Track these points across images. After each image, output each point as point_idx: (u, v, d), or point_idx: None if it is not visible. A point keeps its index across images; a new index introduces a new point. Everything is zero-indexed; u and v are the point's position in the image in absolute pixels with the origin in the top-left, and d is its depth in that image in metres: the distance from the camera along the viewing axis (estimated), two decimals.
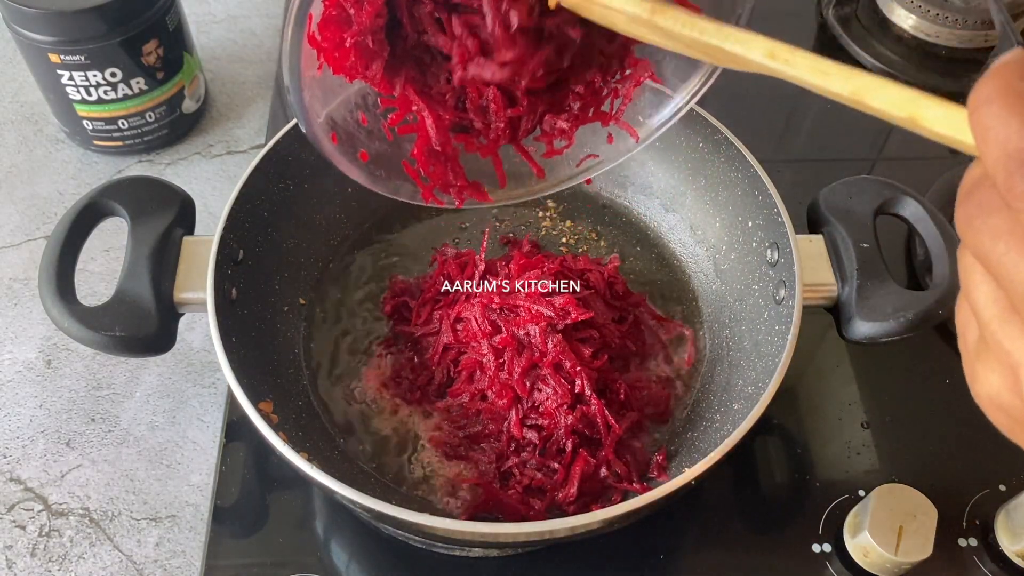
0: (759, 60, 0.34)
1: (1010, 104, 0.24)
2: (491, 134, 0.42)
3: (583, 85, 0.43)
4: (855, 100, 0.30)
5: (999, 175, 0.25)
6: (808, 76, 0.32)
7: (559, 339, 0.57)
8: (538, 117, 0.43)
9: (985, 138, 0.25)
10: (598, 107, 0.45)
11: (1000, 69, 0.25)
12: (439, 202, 0.47)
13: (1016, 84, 0.25)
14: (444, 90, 0.41)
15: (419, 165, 0.44)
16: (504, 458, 0.57)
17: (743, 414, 0.50)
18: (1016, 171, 0.24)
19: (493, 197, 0.49)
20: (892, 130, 0.86)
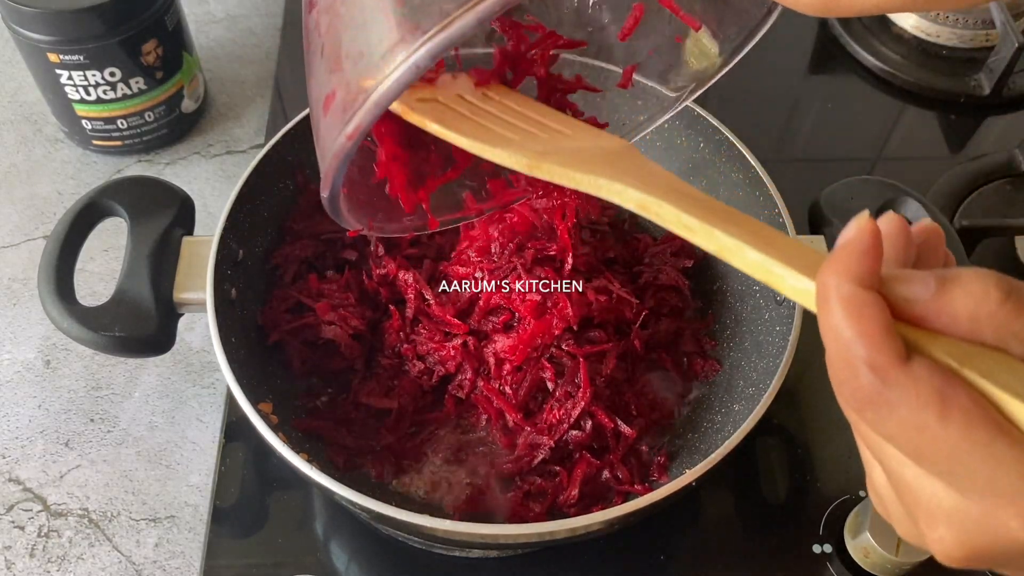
0: (632, 208, 0.36)
1: (842, 311, 0.26)
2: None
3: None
4: (720, 256, 0.32)
5: (832, 374, 0.27)
6: (674, 227, 0.34)
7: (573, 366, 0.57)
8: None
9: (826, 338, 0.27)
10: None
11: (835, 259, 0.27)
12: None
13: (846, 287, 0.27)
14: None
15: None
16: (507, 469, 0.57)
17: (744, 415, 0.50)
18: (843, 383, 0.27)
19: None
20: (892, 130, 0.86)
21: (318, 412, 0.59)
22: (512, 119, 0.44)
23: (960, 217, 0.74)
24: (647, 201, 0.36)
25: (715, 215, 0.33)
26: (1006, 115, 0.87)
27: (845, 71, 0.91)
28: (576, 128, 0.46)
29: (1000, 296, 0.26)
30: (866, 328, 0.26)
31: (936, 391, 0.25)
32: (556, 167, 0.39)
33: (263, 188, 0.62)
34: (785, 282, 0.30)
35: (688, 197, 0.35)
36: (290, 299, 0.61)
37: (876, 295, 0.27)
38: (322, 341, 0.60)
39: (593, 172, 0.38)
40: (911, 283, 0.27)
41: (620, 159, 0.41)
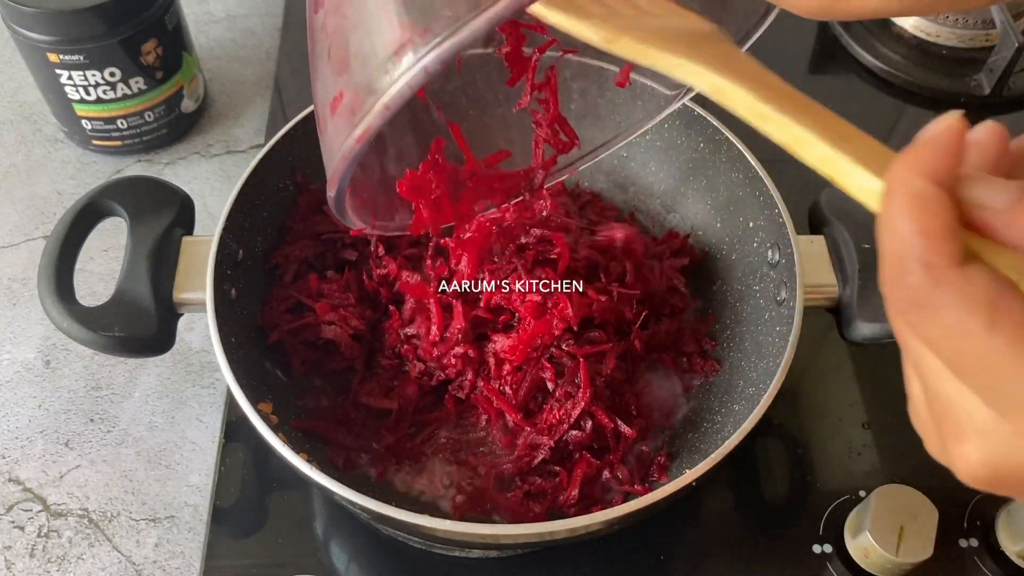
0: (706, 91, 0.35)
1: (906, 206, 0.26)
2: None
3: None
4: (789, 149, 0.31)
5: (884, 268, 0.26)
6: (746, 115, 0.33)
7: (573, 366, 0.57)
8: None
9: (885, 232, 0.26)
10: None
11: (911, 154, 0.26)
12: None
13: (916, 182, 0.25)
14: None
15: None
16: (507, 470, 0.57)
17: (744, 415, 0.50)
18: (894, 279, 0.26)
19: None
20: (893, 130, 0.86)
21: (318, 412, 0.59)
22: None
23: None
24: (722, 85, 0.35)
25: (792, 104, 0.33)
26: (1006, 115, 0.87)
27: (845, 71, 0.91)
28: (667, 9, 0.44)
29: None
30: (927, 225, 0.25)
31: (989, 297, 0.24)
32: (634, 43, 0.38)
33: (263, 188, 0.62)
34: (852, 179, 0.29)
35: (767, 85, 0.34)
36: (290, 299, 0.61)
37: (945, 194, 0.25)
38: (322, 341, 0.60)
39: (671, 51, 0.37)
40: (989, 188, 0.26)
41: (705, 41, 0.40)
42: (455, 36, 0.30)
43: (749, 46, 0.46)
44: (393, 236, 0.65)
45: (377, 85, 0.33)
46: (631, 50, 0.38)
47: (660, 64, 0.37)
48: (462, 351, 0.58)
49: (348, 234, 0.65)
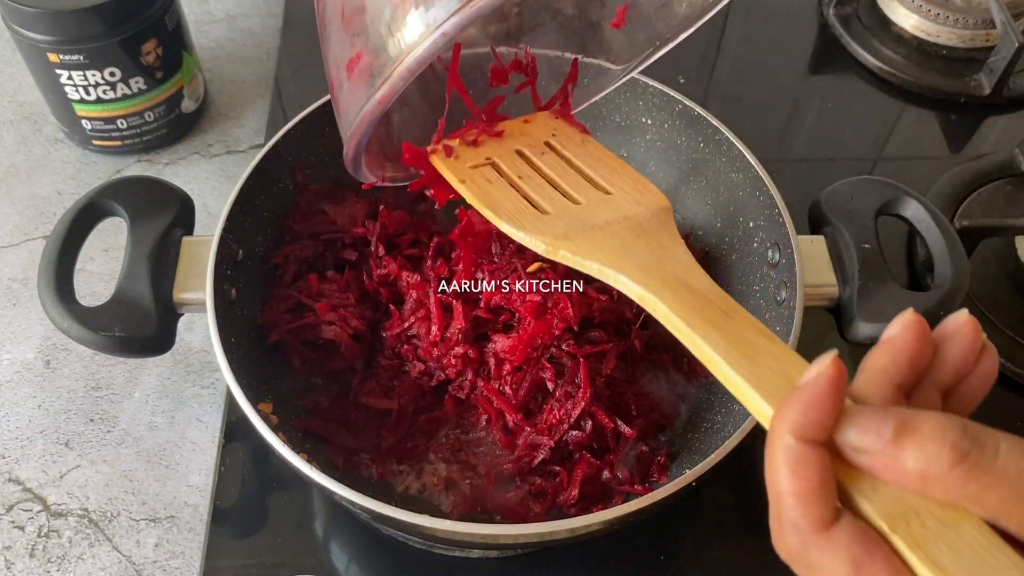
0: (633, 299, 0.40)
1: (780, 461, 0.27)
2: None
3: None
4: (701, 361, 0.34)
5: (771, 524, 0.28)
6: (665, 325, 0.37)
7: (573, 366, 0.56)
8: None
9: (767, 481, 0.28)
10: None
11: (787, 405, 0.27)
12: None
13: (786, 439, 0.27)
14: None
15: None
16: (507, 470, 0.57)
17: (744, 415, 0.50)
18: (774, 530, 0.28)
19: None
20: (893, 130, 0.86)
21: (318, 412, 0.59)
22: (559, 178, 0.49)
23: (960, 217, 0.74)
24: (645, 297, 0.39)
25: (706, 317, 0.35)
26: (1006, 115, 0.87)
27: (845, 71, 0.91)
28: (621, 185, 0.48)
29: (953, 459, 0.25)
30: (797, 487, 0.27)
31: (851, 560, 0.26)
32: (569, 254, 0.43)
33: (263, 188, 0.62)
34: (753, 406, 0.31)
35: (688, 294, 0.37)
36: (290, 299, 0.61)
37: (817, 452, 0.27)
38: (322, 341, 0.60)
39: (601, 261, 0.42)
40: (865, 433, 0.27)
41: (643, 238, 0.44)
42: (475, 3, 0.31)
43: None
44: (395, 235, 0.65)
45: (397, 48, 0.33)
46: (567, 260, 0.43)
47: (592, 272, 0.42)
48: (462, 351, 0.58)
49: (348, 234, 0.65)
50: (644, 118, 0.68)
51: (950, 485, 0.26)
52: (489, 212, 0.46)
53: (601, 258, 0.42)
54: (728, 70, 0.91)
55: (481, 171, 0.48)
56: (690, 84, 0.88)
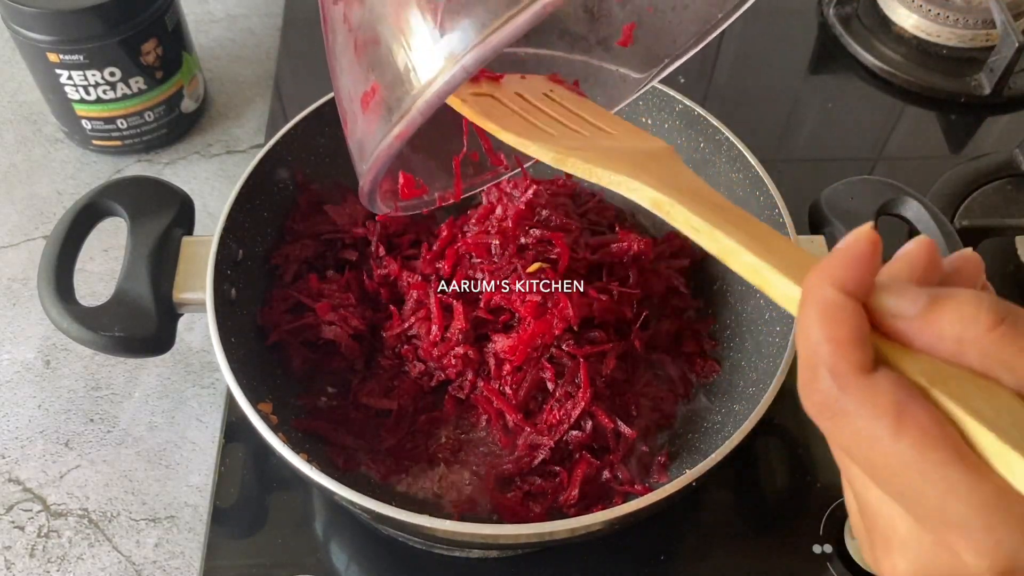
0: (647, 205, 0.39)
1: (816, 313, 0.26)
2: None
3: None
4: (720, 258, 0.33)
5: (800, 377, 0.27)
6: (682, 227, 0.36)
7: (573, 366, 0.56)
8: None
9: (798, 338, 0.27)
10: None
11: (826, 262, 0.27)
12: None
13: (826, 291, 0.26)
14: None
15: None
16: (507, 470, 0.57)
17: (744, 415, 0.50)
18: (805, 383, 0.27)
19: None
20: (893, 130, 0.86)
21: (318, 412, 0.59)
22: (560, 117, 0.47)
23: (960, 217, 0.74)
24: (660, 200, 0.38)
25: (723, 218, 0.35)
26: (1006, 115, 0.87)
27: (845, 71, 0.91)
28: (622, 130, 0.48)
29: (991, 321, 0.25)
30: (835, 333, 0.26)
31: (893, 404, 0.25)
32: (580, 162, 0.41)
33: (263, 188, 0.62)
34: (776, 288, 0.30)
35: (703, 200, 0.37)
36: (290, 299, 0.61)
37: (854, 303, 0.26)
38: (322, 341, 0.60)
39: (614, 169, 0.40)
40: (901, 296, 0.26)
41: (650, 160, 0.43)
42: (497, 33, 0.30)
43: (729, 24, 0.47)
44: (395, 235, 0.65)
45: (415, 82, 0.33)
46: (578, 168, 0.42)
47: (603, 180, 0.40)
48: (462, 351, 0.58)
49: (348, 234, 0.65)
50: (644, 118, 0.68)
51: (987, 348, 0.25)
52: (493, 125, 0.44)
53: (613, 167, 0.41)
54: (728, 70, 0.91)
55: (482, 98, 0.47)
56: (690, 84, 0.88)
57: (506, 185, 0.64)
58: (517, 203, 0.61)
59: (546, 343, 0.57)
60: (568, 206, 0.66)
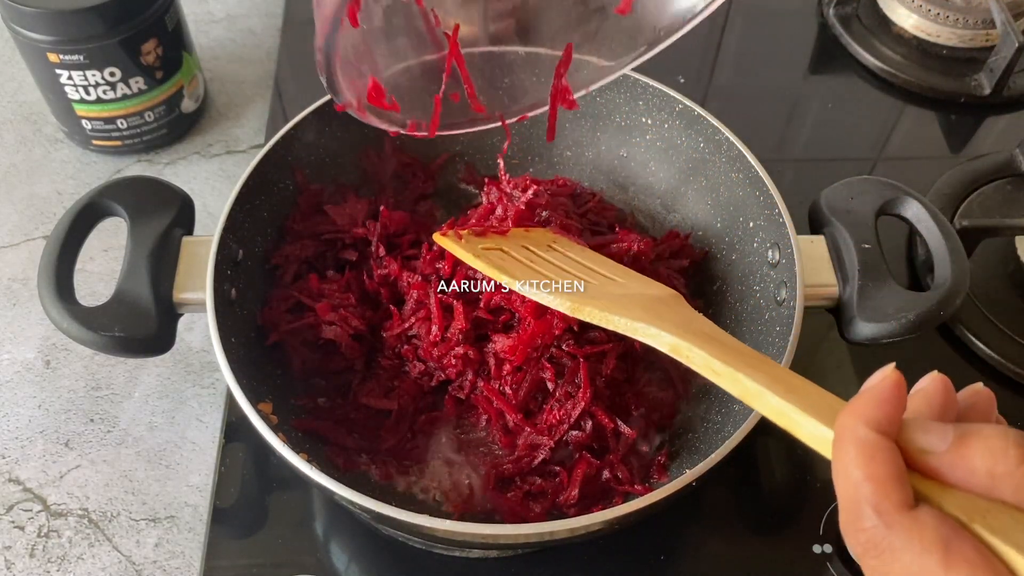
0: (666, 351, 0.40)
1: (853, 453, 0.27)
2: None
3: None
4: (744, 401, 0.34)
5: (840, 515, 0.28)
6: (703, 371, 0.37)
7: (573, 366, 0.56)
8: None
9: (837, 479, 0.28)
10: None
11: (856, 403, 0.28)
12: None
13: (861, 431, 0.27)
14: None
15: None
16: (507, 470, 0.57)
17: (744, 415, 0.50)
18: (848, 524, 0.27)
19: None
20: (893, 130, 0.86)
21: (318, 412, 0.59)
22: (568, 267, 0.50)
23: (960, 217, 0.74)
24: (680, 345, 0.39)
25: (742, 361, 0.36)
26: (1006, 115, 0.87)
27: (845, 71, 0.91)
28: (629, 277, 0.50)
29: (1020, 454, 0.26)
30: (875, 471, 0.27)
31: (941, 539, 0.25)
32: (596, 311, 0.43)
33: (263, 188, 0.62)
34: (804, 429, 0.31)
35: (717, 343, 0.38)
36: (290, 299, 0.61)
37: (890, 442, 0.27)
38: (322, 341, 0.60)
39: (630, 316, 0.42)
40: (929, 433, 0.27)
41: (661, 305, 0.45)
42: None
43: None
44: (395, 235, 0.65)
45: None
46: (594, 316, 0.44)
47: (621, 328, 0.42)
48: (462, 351, 0.58)
49: (348, 234, 0.65)
50: (644, 118, 0.68)
51: (1019, 481, 0.26)
52: (507, 279, 0.47)
53: (629, 314, 0.43)
54: (728, 70, 0.91)
55: (492, 252, 0.51)
56: (690, 84, 0.88)
57: (506, 185, 0.65)
58: (517, 203, 0.61)
59: (546, 343, 0.57)
60: (568, 206, 0.66)
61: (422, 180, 0.71)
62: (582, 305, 0.44)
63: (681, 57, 0.91)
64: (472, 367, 0.59)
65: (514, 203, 0.61)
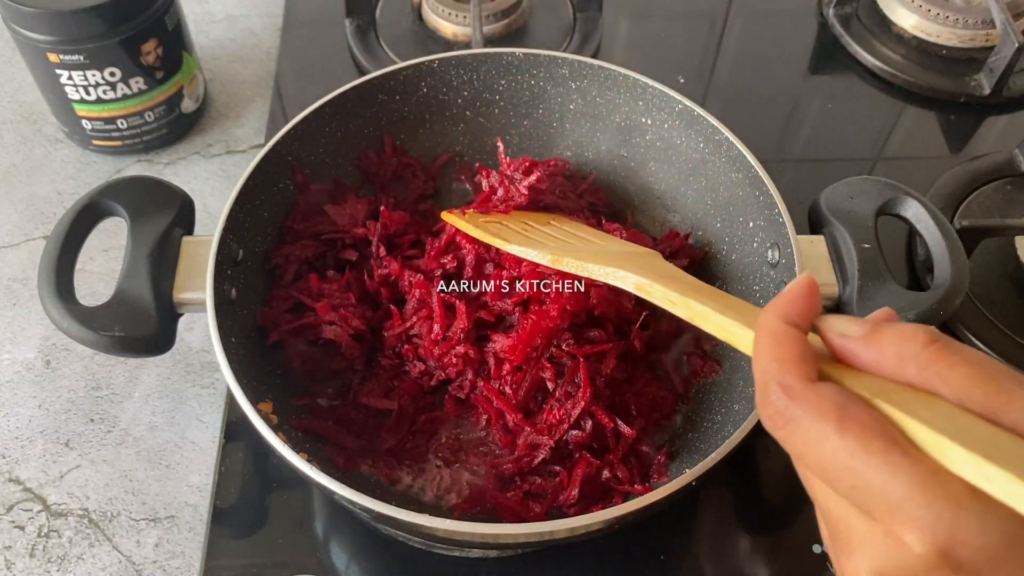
0: (631, 289, 0.46)
1: (764, 341, 0.31)
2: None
3: None
4: (693, 322, 0.40)
5: (756, 398, 0.31)
6: (660, 302, 0.43)
7: (573, 366, 0.57)
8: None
9: (753, 365, 0.32)
10: None
11: (772, 302, 0.32)
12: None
13: (772, 322, 0.31)
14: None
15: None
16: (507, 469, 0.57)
17: (744, 415, 0.50)
18: (759, 401, 0.31)
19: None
20: (893, 130, 0.86)
21: (318, 412, 0.59)
22: (559, 236, 0.57)
23: (960, 217, 0.74)
24: (641, 282, 0.45)
25: (696, 291, 0.41)
26: (1006, 115, 0.87)
27: (845, 71, 0.91)
28: (611, 241, 0.57)
29: (927, 338, 0.28)
30: (781, 353, 0.30)
31: (836, 406, 0.28)
32: (572, 260, 0.50)
33: (263, 188, 0.62)
34: (740, 339, 0.36)
35: (679, 281, 0.44)
36: (290, 299, 0.61)
37: (796, 331, 0.31)
38: (322, 341, 0.60)
39: (602, 263, 0.48)
40: (849, 322, 0.31)
41: (636, 257, 0.51)
42: None
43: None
44: (396, 235, 0.65)
45: None
46: (572, 265, 0.50)
47: (594, 273, 0.49)
48: (463, 351, 0.58)
49: (349, 234, 0.65)
50: (644, 118, 0.68)
51: (923, 361, 0.28)
52: (500, 241, 0.55)
53: (602, 261, 0.48)
54: (728, 70, 0.91)
55: (491, 224, 0.58)
56: (690, 84, 0.88)
57: (506, 167, 0.65)
58: (519, 186, 0.62)
59: (546, 341, 0.57)
60: (566, 186, 0.67)
61: (422, 180, 0.71)
62: (560, 256, 0.50)
63: (681, 57, 0.91)
64: (472, 366, 0.59)
65: (516, 185, 0.62)
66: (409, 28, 0.91)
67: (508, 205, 0.62)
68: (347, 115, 0.67)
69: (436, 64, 0.68)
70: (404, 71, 0.68)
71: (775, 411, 0.29)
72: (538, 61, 0.69)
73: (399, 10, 0.92)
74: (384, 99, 0.68)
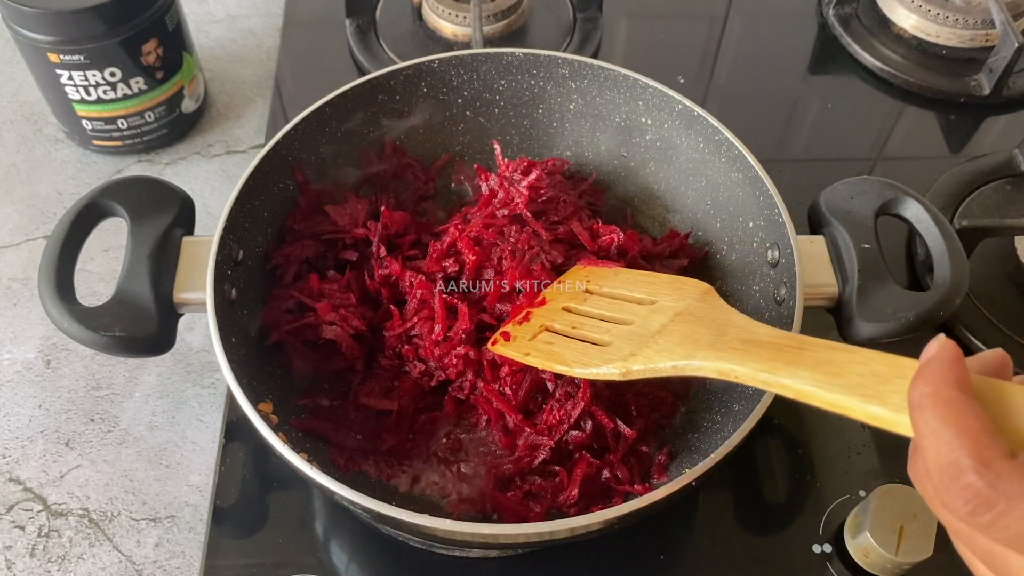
0: (714, 377, 0.42)
1: (941, 414, 0.26)
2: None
3: None
4: (797, 399, 0.36)
5: (933, 483, 0.27)
6: (751, 384, 0.39)
7: None
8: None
9: (924, 446, 0.27)
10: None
11: (927, 370, 0.27)
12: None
13: (944, 391, 0.26)
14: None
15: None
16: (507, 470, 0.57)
17: (744, 415, 0.50)
18: (947, 486, 0.26)
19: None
20: (892, 130, 0.86)
21: (318, 412, 0.59)
22: (607, 311, 0.52)
23: (960, 217, 0.74)
24: (724, 369, 0.41)
25: (784, 363, 0.37)
26: (1005, 115, 0.87)
27: (845, 71, 0.91)
28: (660, 289, 0.52)
29: None
30: (968, 426, 0.26)
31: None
32: (642, 367, 0.46)
33: (263, 188, 0.62)
34: (859, 413, 0.32)
35: (759, 349, 0.40)
36: (290, 299, 0.61)
37: (972, 398, 0.26)
38: (323, 341, 0.60)
39: (674, 358, 0.44)
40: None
41: (699, 323, 0.46)
42: None
43: None
44: (396, 236, 0.65)
45: None
46: (644, 373, 0.46)
47: (669, 372, 0.45)
48: (463, 351, 0.58)
49: (349, 234, 0.65)
50: (644, 118, 0.68)
51: None
52: (560, 367, 0.49)
53: (669, 357, 0.44)
54: (728, 70, 0.91)
55: (539, 339, 0.53)
56: (690, 84, 0.88)
57: (505, 169, 0.65)
58: (519, 187, 0.62)
59: None
60: (566, 185, 0.67)
61: (423, 180, 0.71)
62: (629, 367, 0.46)
63: (681, 57, 0.91)
64: (473, 367, 0.59)
65: (515, 186, 0.62)
66: (409, 28, 0.91)
67: (537, 299, 0.58)
68: (347, 115, 0.67)
69: (436, 64, 0.68)
70: (404, 71, 0.68)
71: (973, 495, 0.25)
72: (538, 61, 0.69)
73: (399, 10, 0.92)
74: (384, 99, 0.68)
